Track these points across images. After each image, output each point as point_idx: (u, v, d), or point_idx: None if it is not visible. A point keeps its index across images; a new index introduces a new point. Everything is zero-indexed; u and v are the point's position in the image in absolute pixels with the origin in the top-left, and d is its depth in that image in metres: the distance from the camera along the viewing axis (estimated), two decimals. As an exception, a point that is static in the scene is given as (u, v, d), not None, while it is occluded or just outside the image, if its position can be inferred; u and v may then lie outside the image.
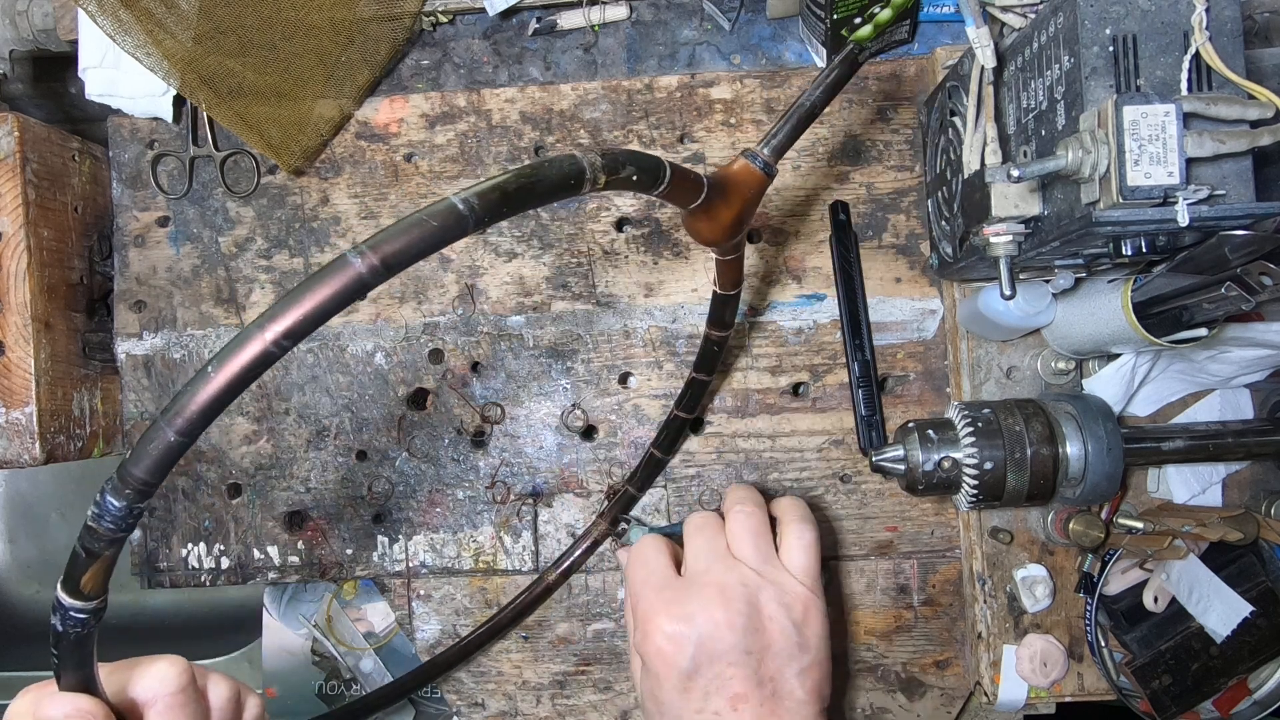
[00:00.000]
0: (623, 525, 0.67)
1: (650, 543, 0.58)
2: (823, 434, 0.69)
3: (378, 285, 0.31)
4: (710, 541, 0.56)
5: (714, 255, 0.53)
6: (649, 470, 0.68)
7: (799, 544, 0.57)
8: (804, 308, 0.70)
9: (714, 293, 0.57)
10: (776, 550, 0.57)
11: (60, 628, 0.36)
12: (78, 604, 0.35)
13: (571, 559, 0.68)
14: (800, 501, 0.60)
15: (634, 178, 0.39)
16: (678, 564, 0.57)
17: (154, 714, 0.44)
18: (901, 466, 0.58)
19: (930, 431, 0.58)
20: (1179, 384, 0.64)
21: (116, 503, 0.32)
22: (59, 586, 0.35)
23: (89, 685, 0.39)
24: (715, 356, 0.61)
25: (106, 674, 0.42)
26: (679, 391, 0.70)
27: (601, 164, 0.36)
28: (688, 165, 0.70)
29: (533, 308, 0.71)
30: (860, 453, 0.69)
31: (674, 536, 0.60)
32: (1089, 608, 0.64)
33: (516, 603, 0.68)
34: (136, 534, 0.73)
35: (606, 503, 0.70)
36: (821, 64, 0.69)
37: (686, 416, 0.65)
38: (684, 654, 0.52)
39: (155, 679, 0.44)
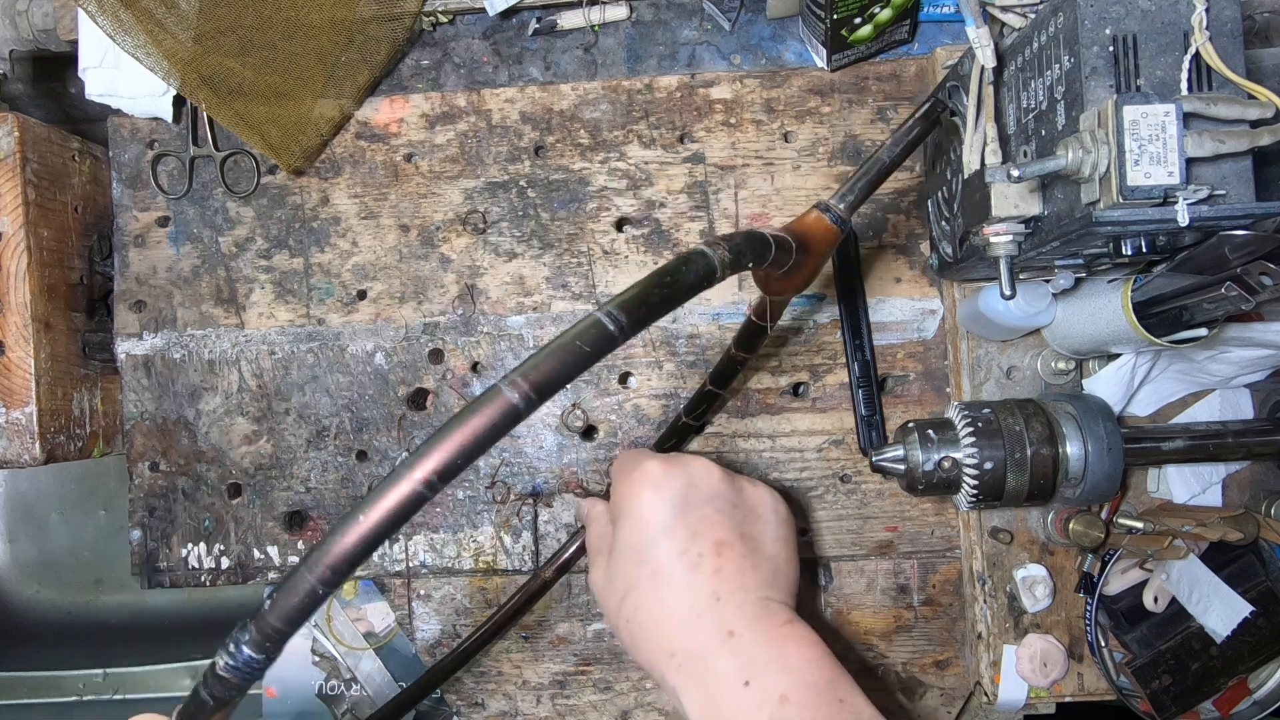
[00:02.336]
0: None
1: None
2: (823, 434, 0.69)
3: (531, 413, 0.30)
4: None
5: (768, 296, 0.53)
6: None
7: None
8: (804, 308, 0.70)
9: (750, 320, 0.57)
10: None
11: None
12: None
13: (567, 554, 0.68)
14: None
15: (750, 264, 0.40)
16: None
17: None
18: (901, 466, 0.58)
19: (930, 431, 0.58)
20: (1179, 384, 0.64)
21: (255, 655, 0.31)
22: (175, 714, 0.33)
23: None
24: (734, 375, 0.62)
25: None
26: (680, 391, 0.70)
27: (729, 260, 0.37)
28: (687, 166, 0.70)
29: (533, 308, 0.71)
30: (860, 453, 0.69)
31: None
32: (1089, 608, 0.64)
33: (512, 602, 0.68)
34: (136, 534, 0.73)
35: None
36: (822, 64, 0.69)
37: (694, 424, 0.66)
38: (672, 492, 0.53)
39: None
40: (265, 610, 0.30)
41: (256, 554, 0.72)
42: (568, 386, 0.70)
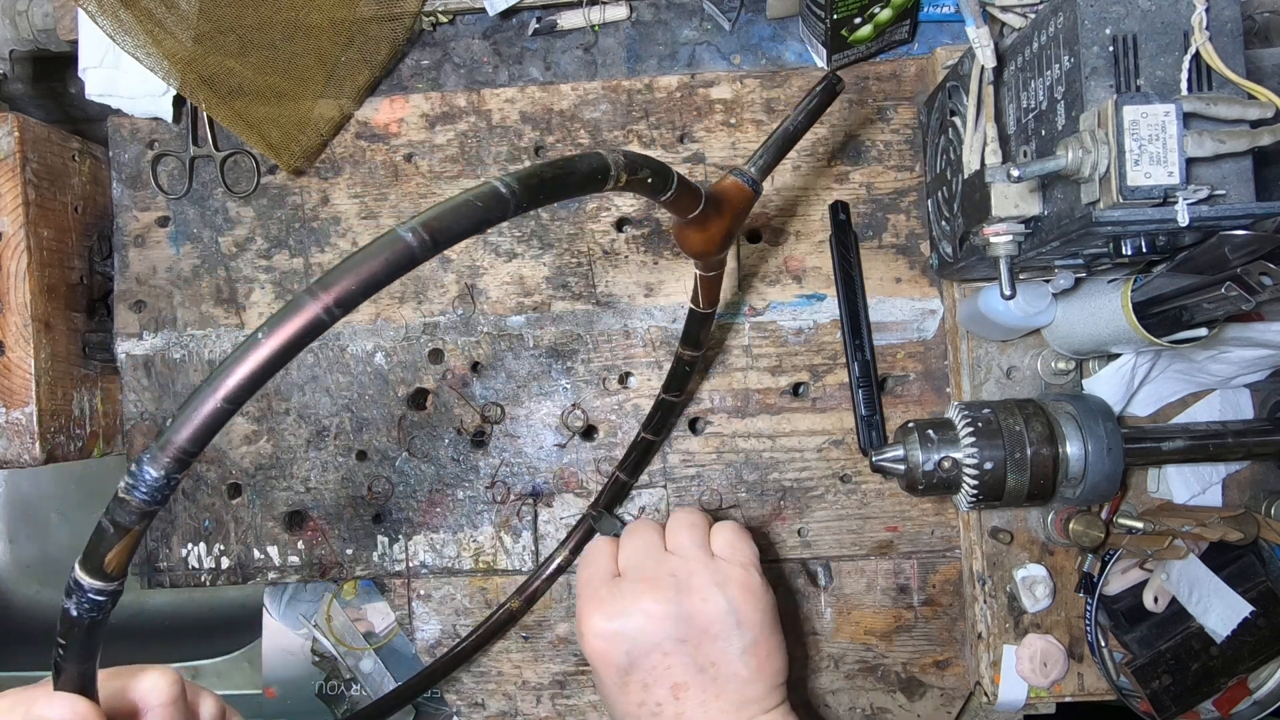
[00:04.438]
0: (593, 519, 0.67)
1: (599, 544, 0.59)
2: (823, 434, 0.69)
3: (426, 260, 0.32)
4: (644, 539, 0.57)
5: (697, 271, 0.54)
6: (615, 491, 0.68)
7: (731, 531, 0.57)
8: (804, 308, 0.70)
9: (690, 310, 0.58)
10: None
11: (75, 612, 0.33)
12: (98, 584, 0.33)
13: (567, 551, 0.68)
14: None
15: (649, 180, 0.41)
16: None
17: None
18: (901, 466, 0.58)
19: (930, 431, 0.58)
20: (1179, 384, 0.64)
21: (154, 472, 0.30)
22: (78, 566, 0.33)
23: (87, 685, 0.37)
24: (686, 377, 0.62)
25: (99, 681, 0.42)
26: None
27: (624, 163, 0.38)
28: (688, 166, 0.70)
29: (533, 308, 0.71)
30: (860, 453, 0.69)
31: None
32: (1089, 608, 0.64)
33: (505, 607, 0.68)
34: (136, 534, 0.73)
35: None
36: (822, 64, 0.69)
37: (653, 439, 0.66)
38: (618, 650, 0.52)
39: (149, 688, 0.43)
40: (168, 429, 0.30)
41: (256, 554, 0.72)
42: (566, 386, 0.70)
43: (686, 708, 0.52)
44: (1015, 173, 0.42)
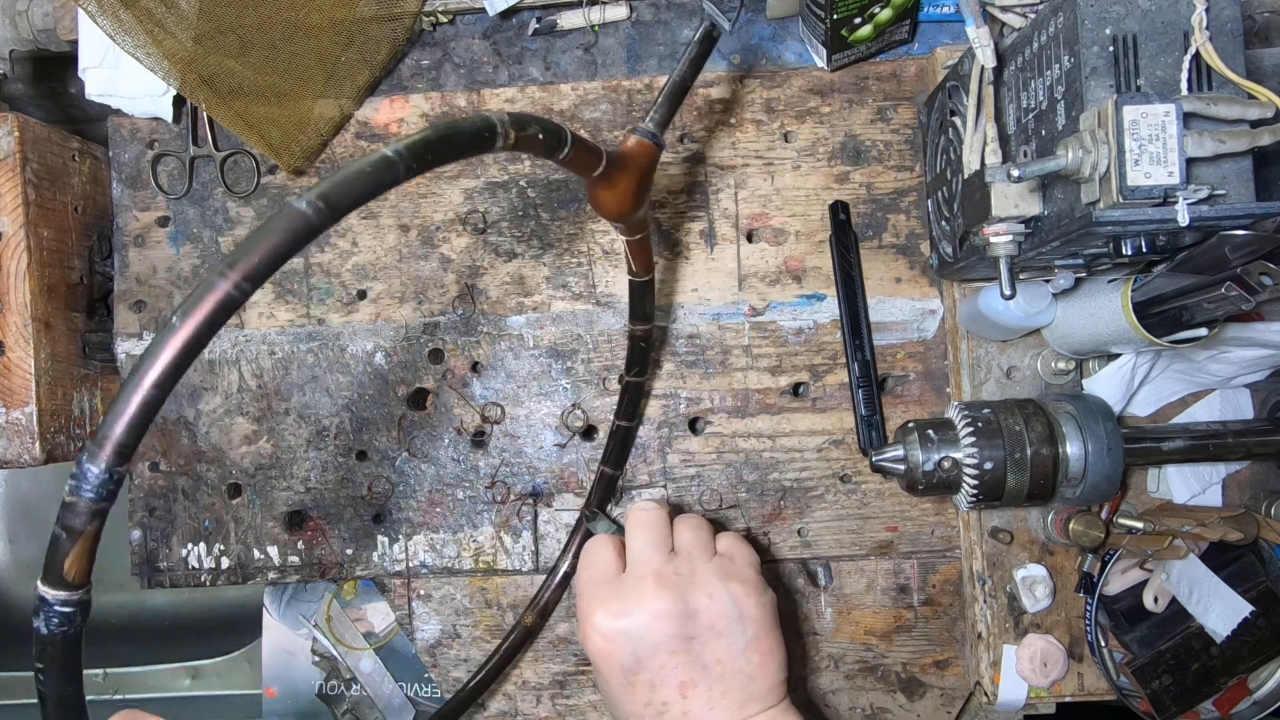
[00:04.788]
0: (587, 518, 0.67)
1: (599, 541, 0.58)
2: (823, 434, 0.69)
3: (325, 228, 0.33)
4: (650, 535, 0.57)
5: (623, 237, 0.55)
6: (605, 487, 0.68)
7: (733, 540, 0.58)
8: (804, 308, 0.70)
9: (630, 282, 0.58)
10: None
11: (45, 629, 0.32)
12: (62, 595, 0.32)
13: (570, 558, 0.68)
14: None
15: (539, 136, 0.41)
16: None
17: None
18: (901, 466, 0.58)
19: (930, 431, 0.58)
20: (1179, 384, 0.64)
21: (95, 469, 0.30)
22: (39, 583, 0.31)
23: (79, 709, 0.35)
24: (645, 353, 0.62)
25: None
26: (679, 391, 0.70)
27: (511, 121, 0.39)
28: (687, 166, 0.70)
29: (533, 308, 0.71)
30: (860, 453, 0.69)
31: None
32: (1089, 608, 0.64)
33: (519, 625, 0.68)
34: (136, 534, 0.73)
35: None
36: (822, 64, 0.69)
37: (628, 424, 0.66)
38: (624, 650, 0.52)
39: None
40: (101, 425, 0.30)
41: (256, 554, 0.72)
42: (566, 386, 0.70)
43: (693, 705, 0.52)
44: (1015, 173, 0.42)
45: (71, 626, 0.32)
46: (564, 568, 0.68)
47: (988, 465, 0.55)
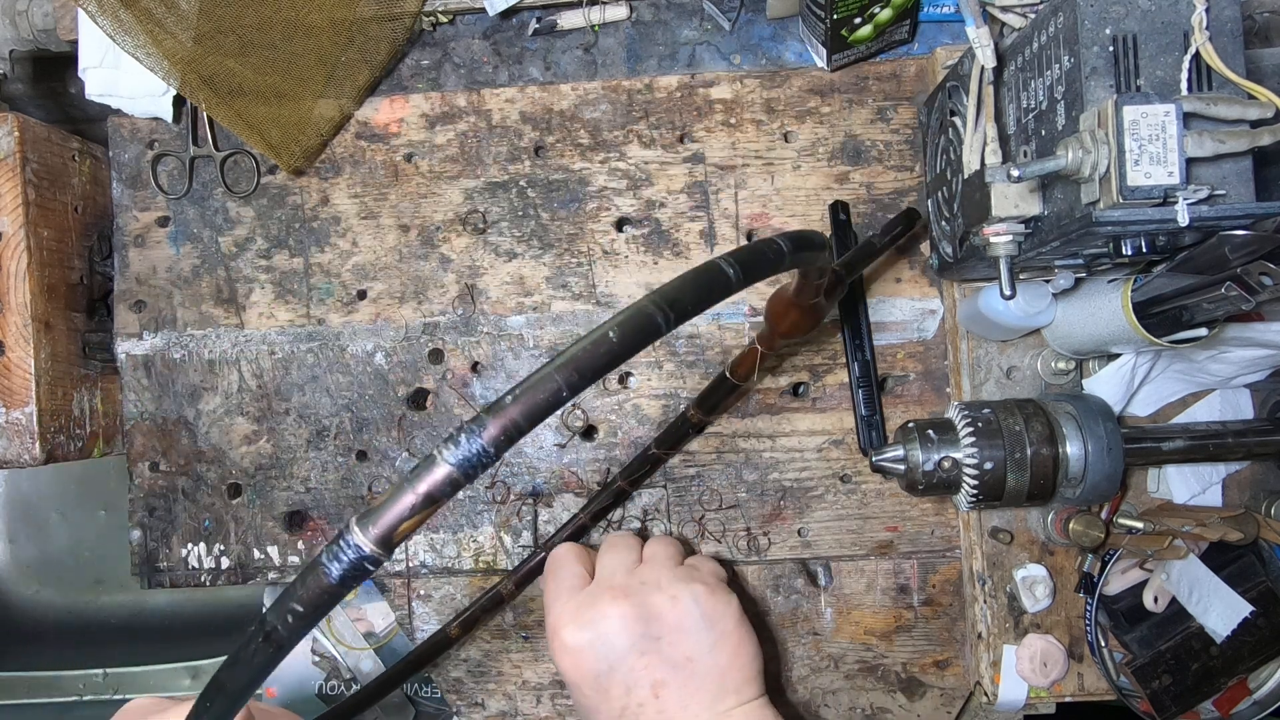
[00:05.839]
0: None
1: (565, 551, 0.60)
2: (823, 434, 0.69)
3: (737, 291, 0.36)
4: (621, 554, 0.59)
5: (760, 348, 0.57)
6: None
7: (701, 556, 0.62)
8: (804, 308, 0.70)
9: (722, 376, 0.60)
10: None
11: (334, 576, 0.30)
12: (377, 551, 0.30)
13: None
14: None
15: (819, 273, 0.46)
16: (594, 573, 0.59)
17: None
18: (901, 466, 0.58)
19: (930, 431, 0.58)
20: (1179, 384, 0.64)
21: (486, 446, 0.29)
22: (355, 524, 0.30)
23: (282, 653, 0.33)
24: (686, 438, 0.66)
25: None
26: (680, 391, 0.70)
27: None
28: (687, 166, 0.70)
29: (533, 308, 0.71)
30: (860, 453, 0.69)
31: None
32: (1089, 608, 0.64)
33: (492, 592, 0.68)
34: (136, 534, 0.73)
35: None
36: (822, 64, 0.69)
37: (629, 489, 0.67)
38: (593, 658, 0.53)
39: None
40: (506, 403, 0.30)
41: (256, 554, 0.72)
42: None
43: (668, 704, 0.53)
44: (1015, 173, 0.42)
45: (355, 582, 0.31)
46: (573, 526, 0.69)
47: (988, 465, 0.55)
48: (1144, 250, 0.44)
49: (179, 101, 0.71)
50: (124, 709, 0.45)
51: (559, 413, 0.71)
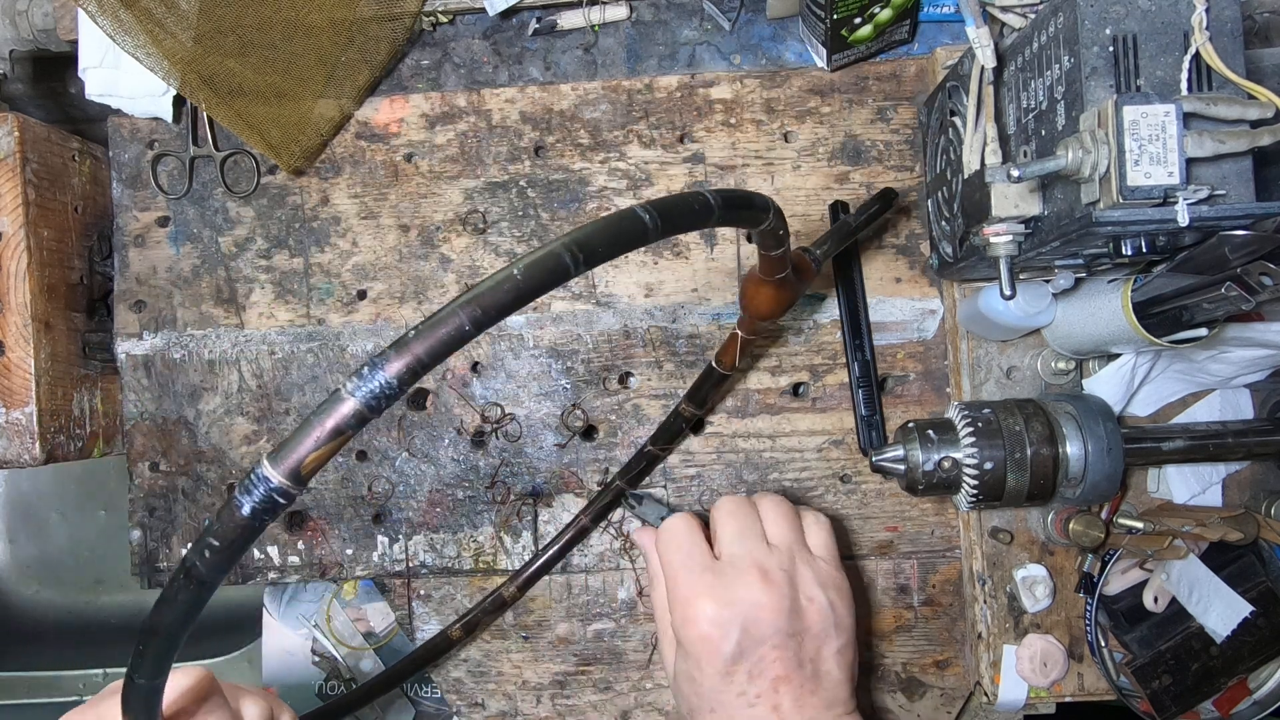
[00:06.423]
0: (632, 501, 0.66)
1: (682, 522, 0.57)
2: (823, 434, 0.69)
3: (654, 240, 0.36)
4: (746, 524, 0.56)
5: (740, 333, 0.57)
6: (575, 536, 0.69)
7: (819, 528, 0.59)
8: (804, 308, 0.70)
9: (709, 369, 0.60)
10: None
11: (245, 508, 0.30)
12: (286, 484, 0.30)
13: (561, 545, 0.68)
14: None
15: (741, 212, 0.43)
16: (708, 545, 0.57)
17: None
18: (901, 466, 0.58)
19: (930, 431, 0.58)
20: (1179, 384, 0.64)
21: (383, 375, 0.30)
22: (265, 459, 0.30)
23: (207, 593, 0.33)
24: (679, 434, 0.65)
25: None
26: (679, 391, 0.70)
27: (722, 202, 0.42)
28: (688, 166, 0.70)
29: (533, 308, 0.71)
30: (860, 453, 0.69)
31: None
32: (1089, 608, 0.64)
33: (493, 596, 0.68)
34: (136, 534, 0.73)
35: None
36: (822, 64, 0.69)
37: (625, 488, 0.67)
38: (729, 639, 0.52)
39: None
40: (410, 338, 0.30)
41: (256, 554, 0.72)
42: (566, 386, 0.70)
43: (784, 701, 0.52)
44: (1015, 173, 0.43)
45: (269, 516, 0.31)
46: (555, 549, 0.68)
47: (988, 465, 0.55)
48: (1144, 250, 0.44)
49: (179, 101, 0.71)
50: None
51: (559, 412, 0.71)
